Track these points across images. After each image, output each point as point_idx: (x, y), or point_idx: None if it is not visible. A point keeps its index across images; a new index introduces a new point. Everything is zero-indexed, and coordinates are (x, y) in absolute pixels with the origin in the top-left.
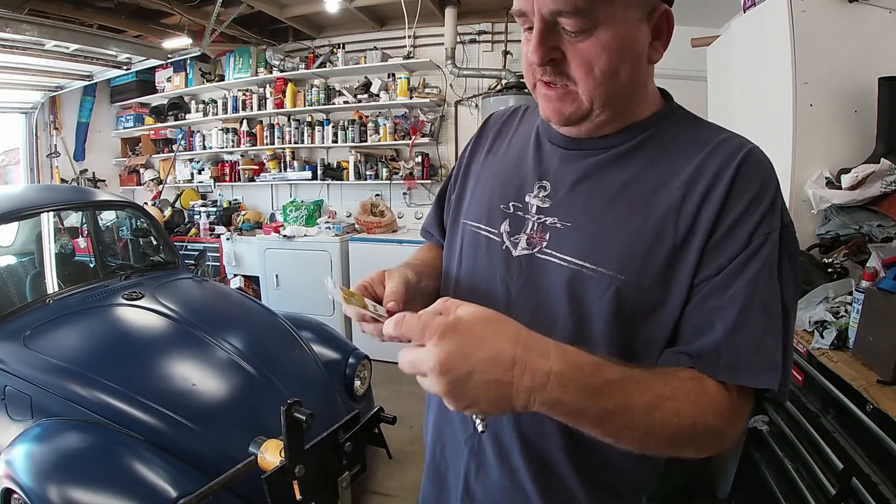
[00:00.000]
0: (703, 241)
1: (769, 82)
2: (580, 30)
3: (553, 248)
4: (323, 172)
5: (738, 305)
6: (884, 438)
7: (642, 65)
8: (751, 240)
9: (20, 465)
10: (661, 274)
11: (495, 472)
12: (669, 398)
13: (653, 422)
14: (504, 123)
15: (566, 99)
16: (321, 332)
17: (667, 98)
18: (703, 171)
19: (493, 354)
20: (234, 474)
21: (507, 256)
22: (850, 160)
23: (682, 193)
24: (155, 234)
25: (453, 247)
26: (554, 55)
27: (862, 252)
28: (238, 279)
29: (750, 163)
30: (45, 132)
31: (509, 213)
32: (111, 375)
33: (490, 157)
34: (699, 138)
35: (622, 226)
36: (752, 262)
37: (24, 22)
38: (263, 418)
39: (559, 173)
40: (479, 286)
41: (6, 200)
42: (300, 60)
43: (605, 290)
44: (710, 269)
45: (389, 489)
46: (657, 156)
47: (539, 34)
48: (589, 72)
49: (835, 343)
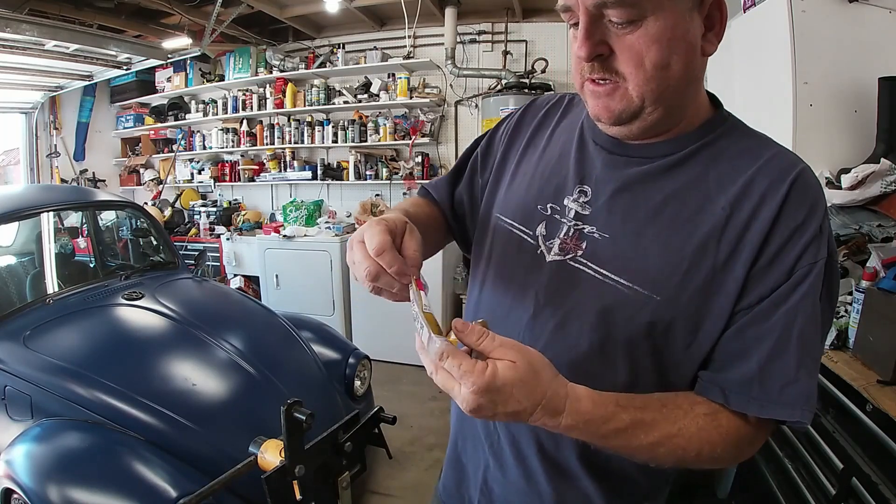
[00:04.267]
0: (747, 266)
1: (769, 82)
2: (628, 20)
3: (588, 259)
4: (323, 172)
5: (776, 336)
6: (884, 438)
7: (696, 57)
8: (795, 269)
9: (20, 465)
10: (698, 297)
11: (513, 473)
12: (675, 436)
13: (654, 454)
14: (547, 113)
15: (615, 95)
16: (321, 332)
17: (716, 104)
18: (750, 191)
19: (514, 412)
20: (234, 474)
21: (540, 261)
22: (850, 160)
23: (726, 214)
24: (155, 234)
25: (483, 239)
26: (601, 50)
27: (862, 252)
28: (238, 279)
29: (800, 185)
30: (45, 132)
31: (546, 214)
32: (111, 375)
33: (530, 151)
34: (749, 151)
35: (662, 244)
36: (794, 293)
37: (24, 22)
38: (263, 418)
39: (601, 179)
40: (508, 288)
41: (6, 200)
42: (300, 60)
43: (639, 309)
44: (751, 296)
45: (389, 489)
46: (703, 170)
47: (585, 28)
48: (639, 65)
49: (835, 343)
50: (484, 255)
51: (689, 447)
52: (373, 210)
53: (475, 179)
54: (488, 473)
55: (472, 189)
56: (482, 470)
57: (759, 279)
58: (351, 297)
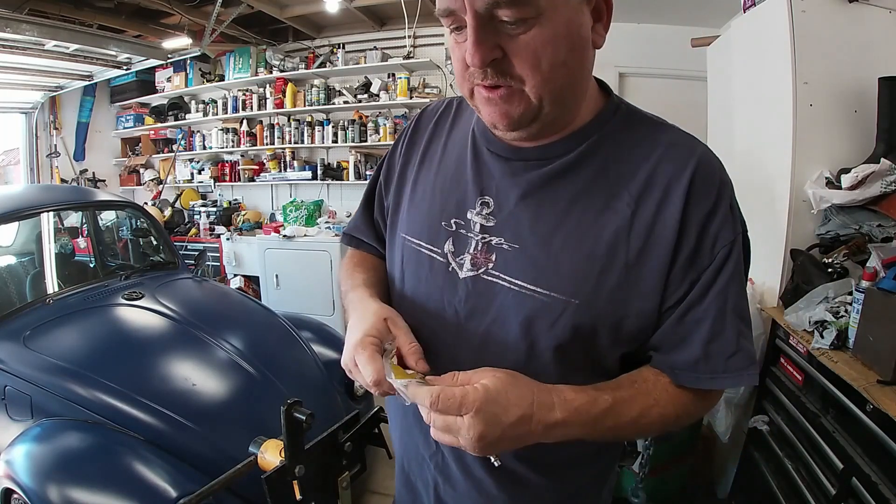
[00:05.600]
0: (667, 259)
1: (769, 82)
2: (521, 19)
3: (500, 270)
4: (323, 172)
5: (712, 316)
6: (884, 438)
7: (589, 51)
8: (715, 252)
9: (20, 465)
10: (615, 294)
11: (462, 486)
12: (653, 406)
13: (640, 426)
14: (437, 123)
15: (512, 100)
16: (321, 332)
17: (606, 91)
18: (652, 183)
19: (517, 418)
20: (234, 474)
21: (453, 278)
22: (850, 160)
23: (631, 210)
24: (155, 234)
25: (393, 258)
26: (495, 54)
27: (862, 252)
28: (238, 279)
29: (702, 171)
30: (45, 132)
31: (452, 231)
32: (111, 375)
33: (426, 165)
34: (645, 139)
35: (572, 247)
36: (721, 274)
37: (24, 22)
38: (263, 418)
39: (501, 188)
40: (427, 308)
41: (6, 200)
42: (300, 60)
43: (559, 315)
44: (683, 286)
45: (389, 489)
46: (603, 165)
47: (475, 32)
48: (536, 66)
49: (835, 343)
50: (396, 274)
51: (667, 413)
52: None
53: (383, 204)
54: (439, 490)
55: (384, 213)
56: (433, 487)
57: (686, 269)
58: None
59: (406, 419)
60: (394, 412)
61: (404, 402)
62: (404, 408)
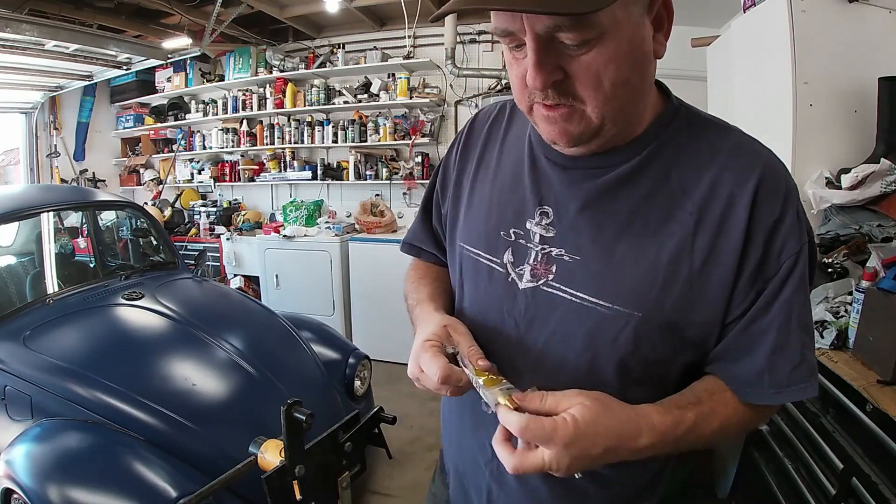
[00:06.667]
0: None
1: (769, 82)
2: (583, 41)
3: (561, 282)
4: (323, 172)
5: (777, 326)
6: (884, 438)
7: (651, 65)
8: (781, 261)
9: (20, 465)
10: (679, 305)
11: (516, 494)
12: (731, 417)
13: (719, 437)
14: (491, 128)
15: (572, 119)
16: (321, 332)
17: (666, 93)
18: (717, 191)
19: (604, 449)
20: (234, 474)
21: (513, 289)
22: (850, 160)
23: (695, 219)
24: (155, 234)
25: (453, 267)
26: (556, 76)
27: (862, 252)
28: (238, 279)
29: (768, 177)
30: (45, 132)
31: (511, 241)
32: (111, 375)
33: (481, 173)
34: (707, 144)
35: (635, 259)
36: (788, 283)
37: (24, 22)
38: (263, 418)
39: (561, 198)
40: (487, 319)
41: (6, 200)
42: (300, 60)
43: (623, 328)
44: (749, 297)
45: (389, 489)
46: (664, 172)
47: (536, 55)
48: (598, 86)
49: (835, 343)
50: (457, 283)
51: (742, 424)
52: (373, 210)
53: (441, 211)
54: (492, 497)
55: (442, 221)
56: (486, 494)
57: (752, 280)
58: (351, 297)
59: (462, 424)
60: (448, 416)
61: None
62: (460, 413)
